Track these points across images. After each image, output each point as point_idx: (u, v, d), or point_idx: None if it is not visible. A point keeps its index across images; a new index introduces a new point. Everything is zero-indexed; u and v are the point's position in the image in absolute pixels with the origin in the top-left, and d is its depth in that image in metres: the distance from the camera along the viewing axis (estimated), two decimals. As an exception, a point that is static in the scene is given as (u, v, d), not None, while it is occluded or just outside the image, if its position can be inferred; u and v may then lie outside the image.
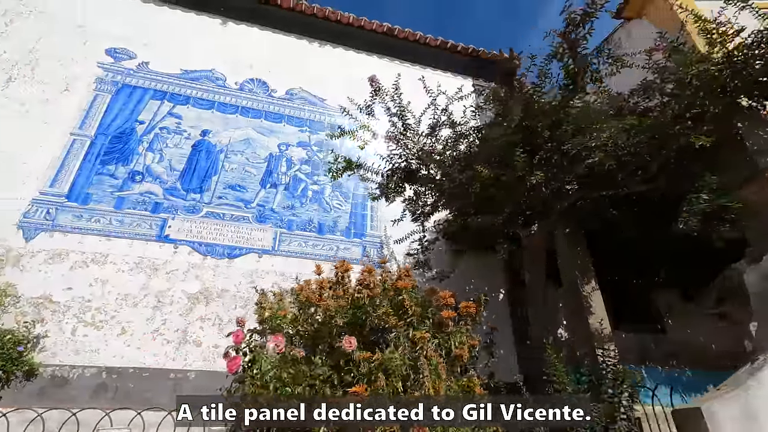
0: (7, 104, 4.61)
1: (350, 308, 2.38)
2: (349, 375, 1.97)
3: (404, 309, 2.31)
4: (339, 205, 5.19)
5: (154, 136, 4.92)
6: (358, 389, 1.76)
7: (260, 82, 5.84)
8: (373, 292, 2.33)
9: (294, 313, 2.56)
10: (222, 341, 4.03)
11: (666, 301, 6.76)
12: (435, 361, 1.94)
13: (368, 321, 2.35)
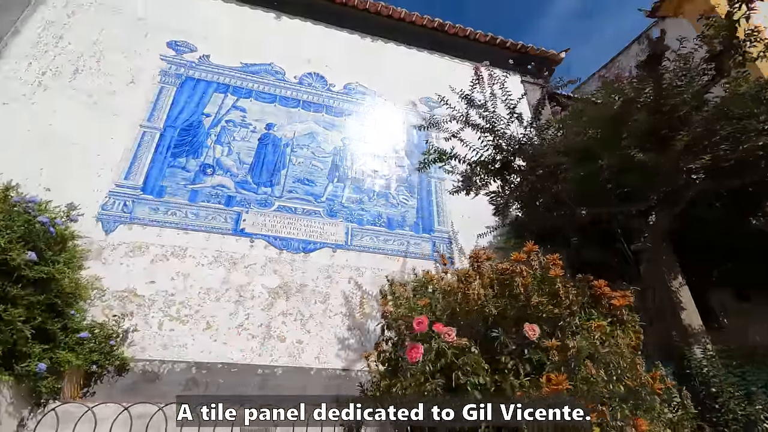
0: (75, 96, 4.53)
1: (500, 298, 2.29)
2: (530, 364, 1.88)
3: (559, 298, 2.23)
4: (405, 200, 5.10)
5: (221, 129, 4.84)
6: (558, 379, 1.67)
7: (318, 76, 5.77)
8: (526, 281, 2.24)
9: (432, 303, 2.46)
10: (305, 337, 3.95)
11: (719, 300, 6.67)
12: (628, 350, 1.85)
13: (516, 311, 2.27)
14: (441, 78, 6.51)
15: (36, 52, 4.66)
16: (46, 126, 4.26)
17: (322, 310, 4.11)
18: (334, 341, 3.99)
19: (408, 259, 4.67)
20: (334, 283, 4.29)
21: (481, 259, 2.57)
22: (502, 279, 2.38)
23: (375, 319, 4.22)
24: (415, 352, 1.83)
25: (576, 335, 1.94)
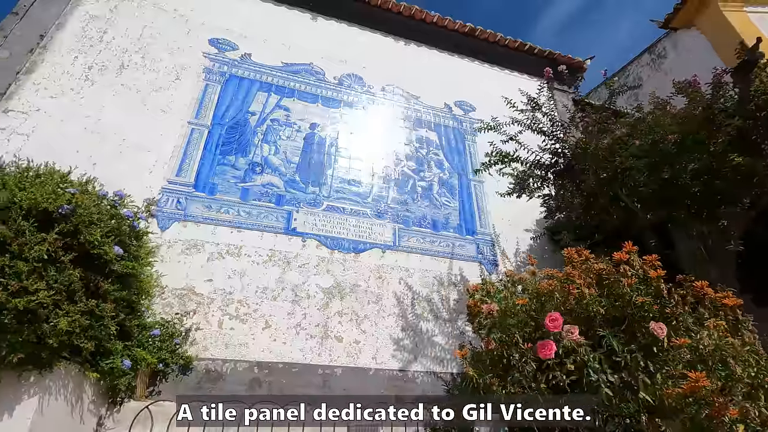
0: (122, 91, 4.48)
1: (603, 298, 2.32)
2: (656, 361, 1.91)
3: (663, 298, 2.26)
4: (447, 202, 5.13)
5: (267, 127, 4.82)
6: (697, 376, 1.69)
7: (357, 77, 5.78)
8: (630, 282, 2.27)
9: (533, 301, 2.47)
10: (361, 337, 3.94)
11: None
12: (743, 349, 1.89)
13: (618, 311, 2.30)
14: (472, 82, 6.62)
15: (81, 46, 4.60)
16: (95, 121, 4.20)
17: (375, 310, 4.11)
18: (389, 342, 3.98)
19: (454, 261, 4.69)
20: (386, 283, 4.29)
21: (576, 259, 2.60)
22: (604, 279, 2.42)
23: (426, 320, 4.23)
24: (548, 349, 1.84)
25: (692, 334, 1.98)
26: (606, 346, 2.05)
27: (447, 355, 4.09)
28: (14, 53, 4.27)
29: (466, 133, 5.89)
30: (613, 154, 3.56)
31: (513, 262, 4.96)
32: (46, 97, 4.16)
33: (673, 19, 10.27)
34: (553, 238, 5.28)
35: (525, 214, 5.36)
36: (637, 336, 2.19)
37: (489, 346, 2.21)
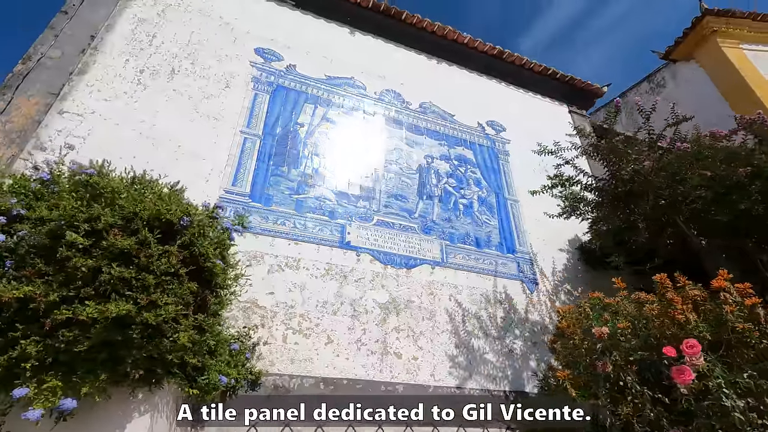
0: (174, 97, 4.41)
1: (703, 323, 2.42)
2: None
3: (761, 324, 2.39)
4: (488, 220, 5.22)
5: (315, 139, 4.82)
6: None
7: (395, 93, 5.86)
8: (732, 308, 2.38)
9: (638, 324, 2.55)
10: (418, 353, 3.94)
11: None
12: None
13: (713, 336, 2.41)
14: (501, 103, 6.80)
15: (132, 49, 4.52)
16: (150, 126, 4.12)
17: (430, 327, 4.12)
18: (445, 359, 4.00)
19: (498, 279, 4.76)
20: (437, 300, 4.32)
21: (667, 285, 2.70)
22: (700, 305, 2.52)
23: (477, 337, 4.28)
24: (686, 375, 1.91)
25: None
26: (721, 372, 2.14)
27: (498, 373, 4.14)
28: (66, 53, 4.16)
29: (499, 152, 6.03)
30: (674, 181, 3.72)
31: (551, 281, 5.07)
32: (100, 99, 4.06)
33: (674, 51, 10.83)
34: (586, 258, 5.45)
35: (558, 234, 5.52)
36: (738, 361, 2.31)
37: (606, 369, 2.26)
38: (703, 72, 10.32)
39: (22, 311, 1.96)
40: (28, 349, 1.82)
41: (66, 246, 1.99)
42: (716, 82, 9.88)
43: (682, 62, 10.86)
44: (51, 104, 3.83)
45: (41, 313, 1.88)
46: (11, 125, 3.57)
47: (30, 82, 3.85)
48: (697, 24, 10.03)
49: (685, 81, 10.86)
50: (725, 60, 9.75)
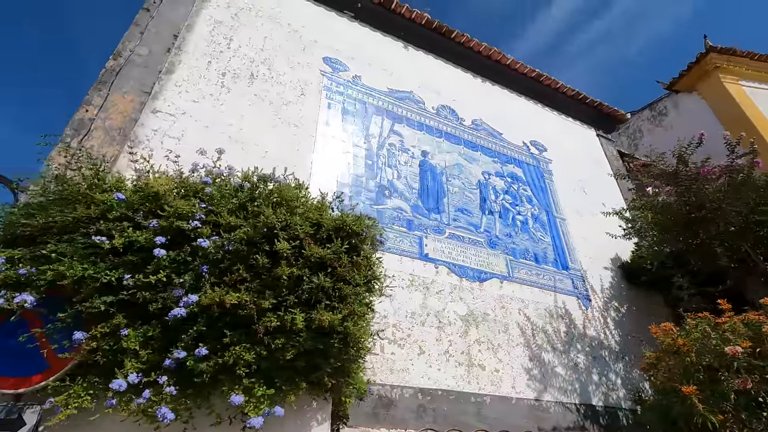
0: (256, 102, 4.41)
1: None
2: None
3: None
4: (542, 237, 5.41)
5: (387, 151, 4.90)
6: None
7: (450, 109, 6.02)
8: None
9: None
10: (499, 366, 4.05)
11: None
12: None
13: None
14: (539, 123, 7.08)
15: (212, 51, 4.49)
16: (238, 130, 4.10)
17: (505, 339, 4.24)
18: (522, 371, 4.12)
19: (557, 294, 4.94)
20: (508, 313, 4.44)
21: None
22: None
23: (546, 351, 4.42)
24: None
25: None
26: None
27: (568, 386, 4.28)
28: (153, 51, 4.11)
29: (544, 171, 6.27)
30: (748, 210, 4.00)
31: (601, 298, 5.29)
32: (189, 100, 4.02)
33: (677, 83, 11.49)
34: (628, 277, 5.71)
35: (602, 253, 5.79)
36: None
37: (746, 386, 2.43)
38: (705, 104, 11.02)
39: (221, 318, 1.96)
40: (245, 356, 1.82)
41: (263, 254, 2.00)
42: (718, 114, 10.56)
43: (684, 93, 11.56)
44: (144, 103, 3.77)
45: (254, 319, 1.88)
46: (110, 122, 3.49)
47: (123, 79, 3.78)
48: (701, 59, 10.71)
49: (687, 111, 11.55)
50: (727, 94, 10.45)
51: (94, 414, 1.90)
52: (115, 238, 1.99)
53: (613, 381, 4.61)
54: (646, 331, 5.32)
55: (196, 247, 2.00)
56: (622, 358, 4.85)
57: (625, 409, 4.42)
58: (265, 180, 2.41)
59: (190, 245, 2.08)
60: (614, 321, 5.17)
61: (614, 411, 4.36)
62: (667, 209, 4.53)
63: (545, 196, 5.94)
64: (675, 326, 3.14)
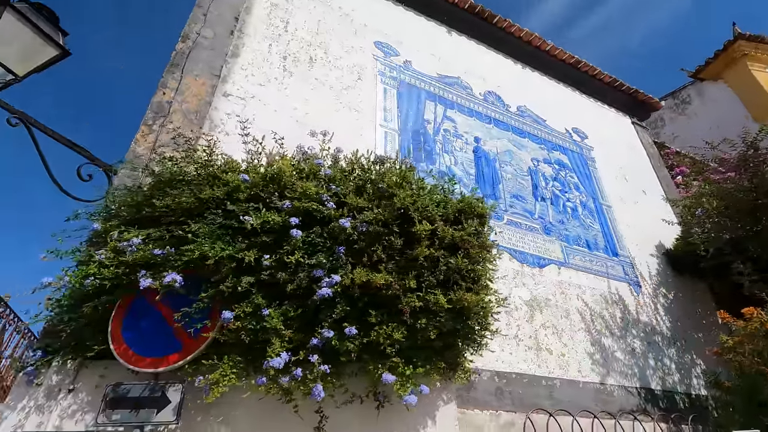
0: (318, 86, 4.38)
1: None
2: None
3: None
4: (591, 223, 5.42)
5: (442, 137, 4.88)
6: None
7: (496, 95, 5.98)
8: None
9: None
10: (564, 350, 4.09)
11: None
12: None
13: None
14: (578, 110, 7.05)
15: (271, 34, 4.44)
16: (303, 114, 4.08)
17: (568, 325, 4.28)
18: (585, 355, 4.16)
19: (610, 281, 4.97)
20: (568, 299, 4.48)
21: None
22: None
23: (605, 336, 4.46)
24: None
25: None
26: None
27: (627, 370, 4.33)
28: (218, 34, 4.05)
29: (587, 158, 6.26)
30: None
31: (650, 284, 5.33)
32: (255, 84, 3.99)
33: (703, 71, 11.41)
34: (673, 264, 5.74)
35: (647, 239, 5.81)
36: None
37: None
38: (731, 92, 10.96)
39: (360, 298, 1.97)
40: (394, 335, 1.83)
41: (396, 236, 2.01)
42: (745, 103, 10.51)
43: (709, 81, 11.49)
44: (215, 86, 3.73)
45: (398, 300, 1.89)
46: (187, 105, 3.46)
47: (193, 62, 3.74)
48: (729, 47, 10.62)
49: (711, 100, 11.50)
50: (754, 82, 10.39)
51: (245, 392, 1.92)
52: (252, 219, 1.98)
53: (668, 366, 4.66)
54: (693, 317, 5.42)
55: (334, 227, 1.99)
56: (674, 344, 4.90)
57: (681, 393, 4.49)
58: (382, 162, 2.40)
59: (322, 226, 2.08)
60: (663, 307, 5.22)
61: (671, 395, 4.42)
62: (731, 195, 4.53)
63: (590, 183, 5.93)
64: (761, 310, 3.16)
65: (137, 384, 1.99)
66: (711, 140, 4.96)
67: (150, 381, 2.00)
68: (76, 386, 2.10)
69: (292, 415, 2.01)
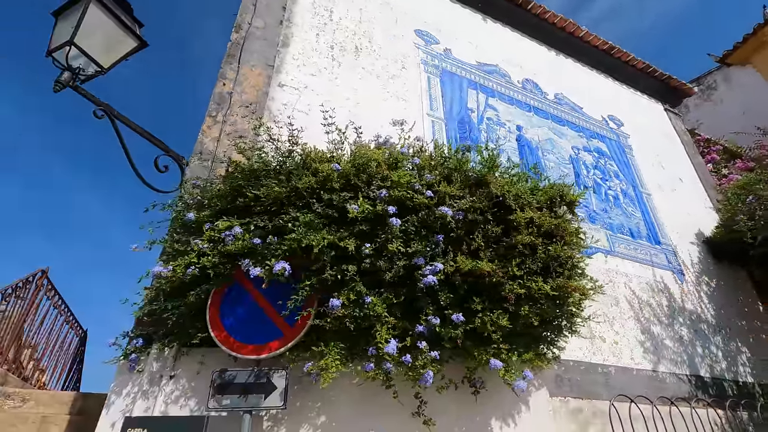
0: (365, 76, 4.36)
1: None
2: None
3: None
4: (633, 212, 5.39)
5: (486, 126, 4.85)
6: None
7: (533, 83, 5.92)
8: None
9: None
10: (616, 338, 4.10)
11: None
12: None
13: None
14: (612, 98, 6.96)
15: (317, 23, 4.42)
16: (354, 104, 4.07)
17: (618, 312, 4.28)
18: (636, 343, 4.17)
19: (654, 269, 4.95)
20: (616, 287, 4.47)
21: None
22: None
23: (654, 324, 4.46)
24: None
25: None
26: None
27: (677, 357, 4.34)
28: (268, 24, 4.04)
29: (624, 146, 6.20)
30: None
31: (692, 272, 5.31)
32: (308, 74, 3.98)
33: (730, 55, 11.18)
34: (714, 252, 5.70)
35: (686, 227, 5.77)
36: None
37: None
38: (761, 77, 10.75)
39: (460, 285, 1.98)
40: (501, 322, 1.85)
41: (493, 223, 2.01)
42: (775, 88, 10.32)
43: (736, 66, 11.27)
44: (271, 77, 3.73)
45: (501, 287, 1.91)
46: (246, 96, 3.47)
47: (248, 53, 3.74)
48: (758, 30, 10.36)
49: (739, 85, 11.29)
50: (784, 65, 10.19)
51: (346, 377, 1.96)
52: (359, 207, 2.00)
53: (714, 353, 4.66)
54: (736, 305, 5.40)
55: (429, 215, 2.00)
56: (720, 332, 4.89)
57: (729, 380, 4.50)
58: (468, 149, 2.40)
59: (412, 215, 2.09)
60: (707, 295, 5.20)
61: (719, 382, 4.43)
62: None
63: (629, 171, 5.89)
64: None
65: (242, 370, 2.03)
66: (763, 126, 4.87)
67: (253, 367, 2.05)
68: (176, 373, 2.15)
69: (390, 400, 2.05)
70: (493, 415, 2.10)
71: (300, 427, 2.06)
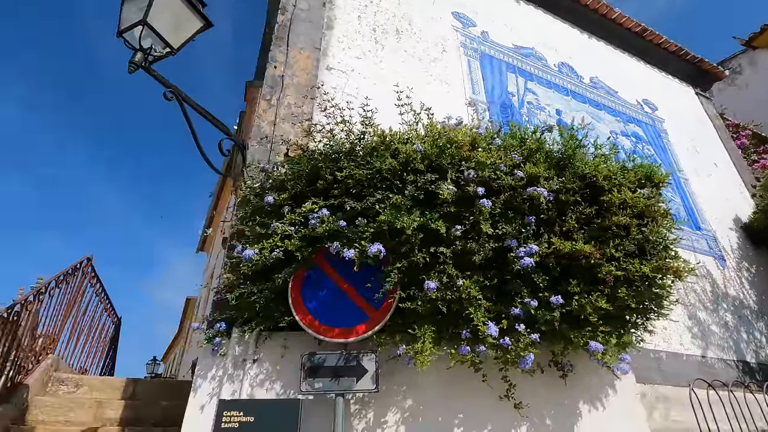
0: (407, 59, 4.28)
1: None
2: None
3: None
4: (672, 196, 5.30)
5: (527, 110, 4.77)
6: None
7: (569, 66, 5.80)
8: None
9: None
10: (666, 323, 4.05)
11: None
12: None
13: None
14: (645, 81, 6.83)
15: (358, 5, 4.33)
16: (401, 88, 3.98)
17: (665, 298, 4.23)
18: (685, 329, 4.14)
19: (696, 254, 4.89)
20: (661, 272, 4.42)
21: None
22: None
23: (699, 309, 4.42)
24: None
25: None
26: None
27: (724, 343, 4.31)
28: (312, 6, 3.96)
29: (659, 131, 6.09)
30: None
31: (733, 258, 5.24)
32: (353, 57, 3.91)
33: (757, 38, 10.93)
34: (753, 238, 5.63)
35: (724, 213, 5.69)
36: None
37: None
38: (787, 60, 10.53)
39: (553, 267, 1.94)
40: (600, 304, 1.81)
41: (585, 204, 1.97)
42: (804, 71, 10.10)
43: (763, 49, 11.03)
44: (318, 59, 3.66)
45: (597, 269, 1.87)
46: (297, 80, 3.41)
47: (295, 35, 3.67)
48: (788, 12, 10.12)
49: (765, 69, 11.06)
50: (813, 48, 9.95)
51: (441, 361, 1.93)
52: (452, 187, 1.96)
53: (758, 339, 4.63)
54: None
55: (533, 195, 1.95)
56: (762, 317, 4.85)
57: (774, 366, 4.46)
58: (550, 129, 2.35)
59: (499, 196, 2.05)
60: (748, 281, 5.14)
61: (766, 367, 4.40)
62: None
63: (666, 156, 5.79)
64: None
65: (330, 354, 2.02)
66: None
67: (342, 351, 2.03)
68: (259, 357, 2.13)
69: (478, 383, 2.03)
70: (581, 399, 2.08)
71: (388, 410, 2.04)
